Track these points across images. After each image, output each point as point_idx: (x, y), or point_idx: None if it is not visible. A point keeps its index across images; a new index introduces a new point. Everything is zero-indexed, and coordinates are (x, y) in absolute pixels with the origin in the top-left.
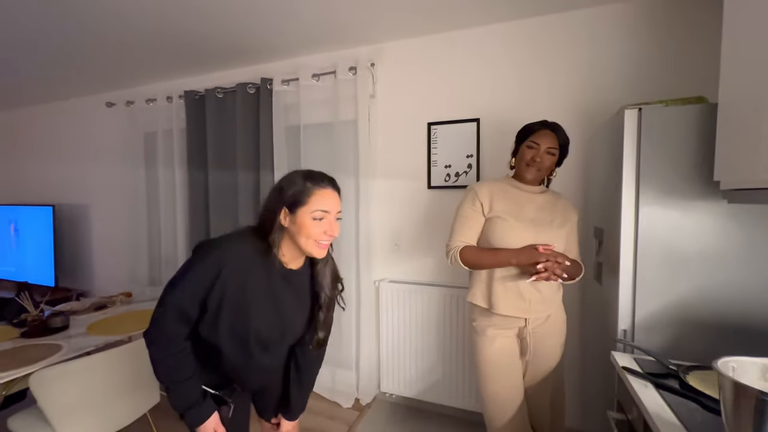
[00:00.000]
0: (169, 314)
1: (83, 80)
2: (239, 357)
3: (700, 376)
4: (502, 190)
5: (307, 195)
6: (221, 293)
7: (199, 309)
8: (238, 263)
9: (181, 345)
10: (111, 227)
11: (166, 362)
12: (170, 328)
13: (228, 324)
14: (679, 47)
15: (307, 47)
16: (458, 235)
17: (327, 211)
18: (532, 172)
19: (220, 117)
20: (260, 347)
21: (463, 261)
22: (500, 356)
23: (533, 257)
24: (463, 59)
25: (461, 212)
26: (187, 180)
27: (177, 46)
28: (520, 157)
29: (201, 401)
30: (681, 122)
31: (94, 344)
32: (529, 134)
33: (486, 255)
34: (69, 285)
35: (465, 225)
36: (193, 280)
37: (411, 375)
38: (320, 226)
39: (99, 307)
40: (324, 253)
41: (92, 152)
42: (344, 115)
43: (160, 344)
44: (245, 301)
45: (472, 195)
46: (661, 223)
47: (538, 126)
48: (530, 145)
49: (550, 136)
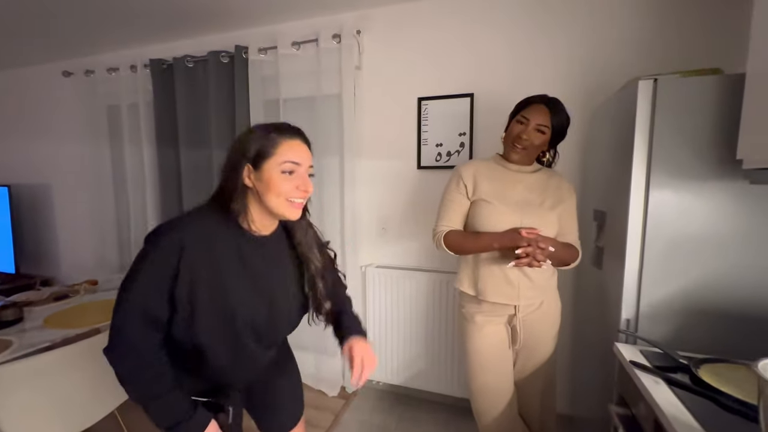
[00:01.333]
0: (130, 320)
1: (35, 46)
2: (227, 354)
3: (712, 369)
4: (488, 169)
5: (273, 146)
6: (189, 280)
7: (168, 306)
8: (202, 240)
9: (155, 355)
10: (76, 209)
11: (138, 378)
12: (135, 337)
13: (207, 315)
14: (686, 17)
15: (287, 12)
16: (444, 220)
17: (298, 163)
18: (518, 150)
19: (191, 89)
20: (252, 336)
21: (447, 246)
22: (490, 345)
23: (514, 241)
24: (457, 28)
25: (447, 195)
26: (157, 158)
27: (140, 8)
28: (507, 133)
29: (192, 413)
30: (699, 95)
31: (50, 339)
32: (522, 108)
33: (469, 239)
34: (32, 272)
35: (450, 209)
36: (151, 273)
37: (399, 362)
38: (291, 180)
39: (60, 297)
40: (298, 214)
41: (50, 127)
42: (327, 88)
43: (127, 359)
44: (220, 283)
45: (457, 177)
46: (673, 205)
47: (535, 99)
48: (520, 119)
49: (543, 112)
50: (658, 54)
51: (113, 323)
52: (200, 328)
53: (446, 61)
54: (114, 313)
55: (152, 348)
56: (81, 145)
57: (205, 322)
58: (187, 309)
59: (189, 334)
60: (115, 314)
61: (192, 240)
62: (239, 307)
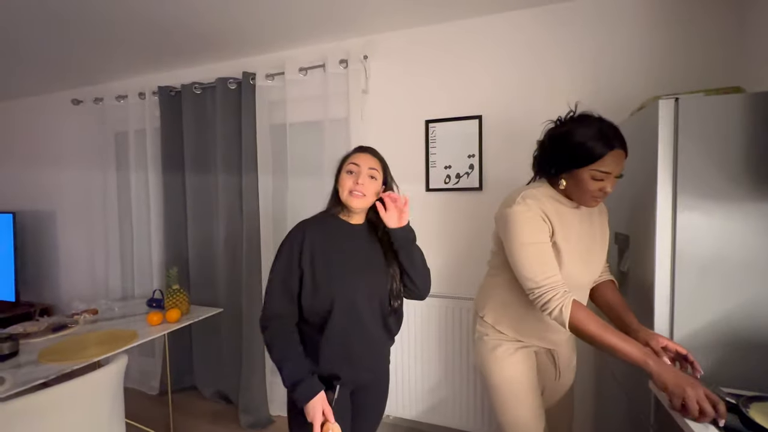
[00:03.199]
0: (275, 291)
1: (46, 75)
2: (345, 317)
3: (764, 409)
4: (551, 206)
5: (347, 157)
6: (310, 252)
7: (297, 281)
8: (317, 227)
9: (290, 327)
10: (79, 236)
11: (278, 341)
12: (277, 304)
13: (324, 278)
14: (703, 37)
15: (294, 39)
16: (550, 270)
17: (357, 164)
18: (597, 201)
19: (198, 115)
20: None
21: (572, 320)
22: (520, 374)
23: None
24: (464, 52)
25: (530, 240)
26: (162, 184)
27: (150, 38)
28: (579, 186)
29: (309, 377)
30: (724, 114)
31: (44, 375)
32: (594, 159)
33: (611, 335)
34: (32, 299)
35: (546, 253)
36: (285, 254)
37: (413, 394)
38: (351, 177)
39: (58, 327)
40: (358, 203)
41: (57, 154)
42: (334, 112)
43: (273, 326)
44: (329, 253)
45: (538, 218)
46: (704, 229)
47: (614, 144)
48: (597, 176)
49: (622, 158)
50: (672, 73)
51: (264, 298)
52: (321, 295)
53: (453, 84)
54: (265, 292)
55: (288, 319)
56: (87, 171)
57: (325, 292)
58: (310, 276)
59: (315, 302)
60: (266, 292)
61: (311, 227)
62: (342, 270)
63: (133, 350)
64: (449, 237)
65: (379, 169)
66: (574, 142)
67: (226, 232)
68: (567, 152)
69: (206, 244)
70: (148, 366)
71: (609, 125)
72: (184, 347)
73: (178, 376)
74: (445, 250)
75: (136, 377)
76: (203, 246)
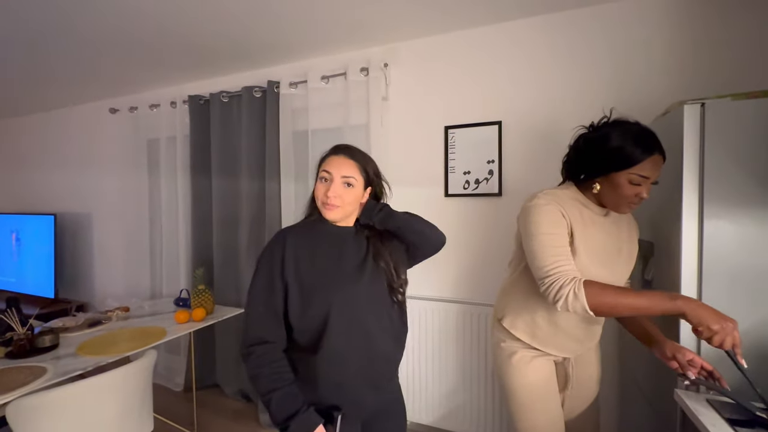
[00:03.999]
0: (256, 313)
1: (87, 87)
2: (342, 331)
3: None
4: (573, 208)
5: (322, 161)
6: (294, 262)
7: (282, 298)
8: (299, 231)
9: (278, 354)
10: (112, 237)
11: (263, 373)
12: (260, 328)
13: (313, 289)
14: (727, 41)
15: (316, 48)
16: (561, 258)
17: (329, 172)
18: (632, 208)
19: (225, 122)
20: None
21: (590, 299)
22: (538, 381)
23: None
24: (483, 58)
25: (546, 230)
26: (191, 188)
27: (181, 50)
28: (615, 190)
29: (305, 409)
30: (753, 118)
31: (82, 367)
32: (633, 162)
33: (630, 296)
34: (69, 296)
35: (559, 244)
36: (265, 268)
37: (430, 400)
38: (323, 187)
39: (93, 323)
40: (332, 215)
41: (95, 160)
42: (355, 119)
43: (257, 354)
44: (314, 258)
45: (557, 213)
46: (732, 236)
47: (654, 149)
48: (635, 180)
49: (660, 164)
50: (697, 77)
51: (245, 323)
52: (314, 306)
53: (473, 90)
54: (245, 315)
55: (276, 343)
56: (121, 176)
57: (316, 298)
58: (296, 288)
59: (304, 319)
60: (245, 316)
61: (292, 233)
62: (334, 277)
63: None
64: (468, 243)
65: (356, 175)
66: (613, 145)
67: (249, 235)
68: (605, 155)
69: (231, 246)
70: (173, 363)
71: (647, 129)
72: (207, 346)
73: (201, 373)
74: (464, 255)
75: (162, 374)
76: (228, 248)
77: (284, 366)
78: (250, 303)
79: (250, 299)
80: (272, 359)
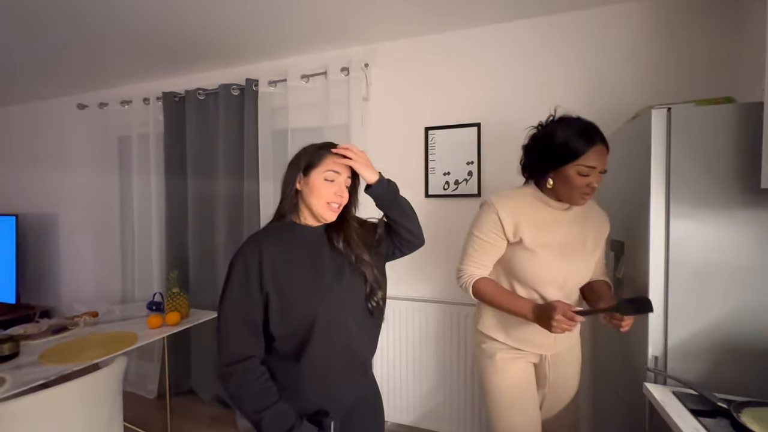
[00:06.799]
0: (233, 329)
1: (52, 81)
2: (327, 341)
3: (756, 415)
4: (530, 208)
5: (320, 158)
6: (272, 271)
7: (261, 308)
8: (273, 240)
9: (259, 369)
10: (80, 239)
11: (249, 392)
12: (239, 344)
13: (294, 297)
14: (695, 48)
15: (296, 47)
16: (473, 261)
17: (338, 172)
18: (586, 200)
19: (201, 120)
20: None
21: (475, 294)
22: (516, 382)
23: (550, 322)
24: (464, 61)
25: (479, 233)
26: (165, 188)
27: (154, 45)
28: (566, 183)
29: (299, 423)
30: (715, 123)
31: (45, 376)
32: (578, 155)
33: (502, 297)
34: (32, 302)
35: (482, 249)
36: (239, 278)
37: (409, 400)
38: (331, 187)
39: (58, 329)
40: (334, 216)
41: (61, 158)
42: (335, 118)
43: (237, 374)
44: (293, 265)
45: (494, 217)
46: (696, 236)
47: (595, 140)
48: (583, 171)
49: (604, 154)
50: (671, 82)
51: (218, 339)
52: (297, 314)
53: (453, 92)
54: (217, 332)
55: (255, 361)
56: (90, 175)
57: (298, 314)
58: (277, 299)
59: (284, 329)
60: (218, 331)
61: (266, 243)
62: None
63: (132, 354)
64: (448, 243)
65: (350, 172)
66: (559, 141)
67: (227, 236)
68: (552, 152)
69: (207, 248)
70: (146, 370)
71: (589, 123)
72: (182, 352)
73: (176, 380)
74: (444, 255)
75: (134, 381)
76: (204, 250)
77: (268, 381)
78: (226, 317)
79: (226, 312)
80: (255, 377)
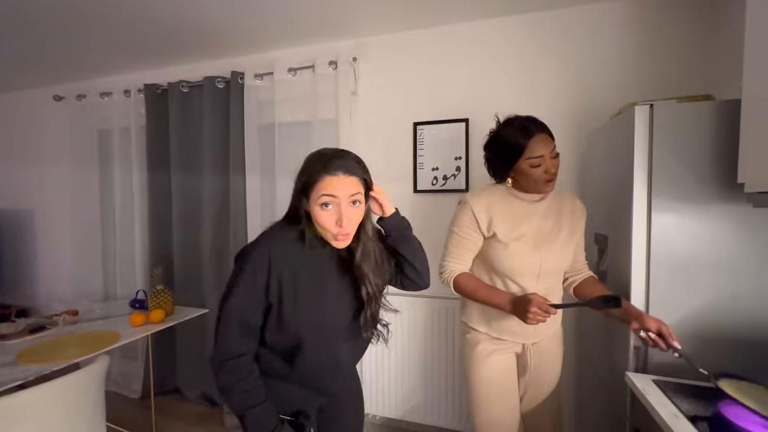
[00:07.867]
0: (232, 327)
1: (27, 70)
2: (316, 355)
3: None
4: (502, 203)
5: (314, 180)
6: (278, 284)
7: (261, 314)
8: (284, 252)
9: (251, 367)
10: (59, 236)
11: (239, 388)
12: (235, 344)
13: (295, 312)
14: (677, 46)
15: (284, 39)
16: (454, 257)
17: (334, 195)
18: (549, 186)
19: (185, 114)
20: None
21: (456, 288)
22: (497, 374)
23: (526, 313)
24: (452, 56)
25: (457, 230)
26: (147, 183)
27: (136, 33)
28: (525, 177)
29: (280, 426)
30: (695, 120)
31: (22, 376)
32: (522, 149)
33: (482, 291)
34: (8, 301)
35: (460, 245)
36: (247, 285)
37: (397, 394)
38: (331, 215)
39: (36, 329)
40: (344, 245)
41: (37, 151)
42: (323, 113)
43: (229, 369)
44: (299, 283)
45: (469, 212)
46: (677, 229)
47: (527, 135)
48: (534, 162)
49: (545, 139)
50: (655, 80)
51: (217, 333)
52: (292, 324)
53: (441, 87)
54: (217, 324)
55: (248, 359)
56: (68, 169)
57: (293, 324)
58: (276, 311)
59: (279, 336)
60: (218, 325)
61: (276, 252)
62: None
63: (115, 353)
64: (436, 238)
65: (361, 189)
66: (504, 141)
67: (212, 232)
68: (501, 153)
69: (192, 244)
70: (130, 369)
71: (526, 118)
72: (167, 349)
73: (161, 379)
74: (432, 250)
75: (117, 380)
76: (189, 246)
77: (257, 380)
78: (229, 314)
79: (230, 310)
80: (245, 375)
